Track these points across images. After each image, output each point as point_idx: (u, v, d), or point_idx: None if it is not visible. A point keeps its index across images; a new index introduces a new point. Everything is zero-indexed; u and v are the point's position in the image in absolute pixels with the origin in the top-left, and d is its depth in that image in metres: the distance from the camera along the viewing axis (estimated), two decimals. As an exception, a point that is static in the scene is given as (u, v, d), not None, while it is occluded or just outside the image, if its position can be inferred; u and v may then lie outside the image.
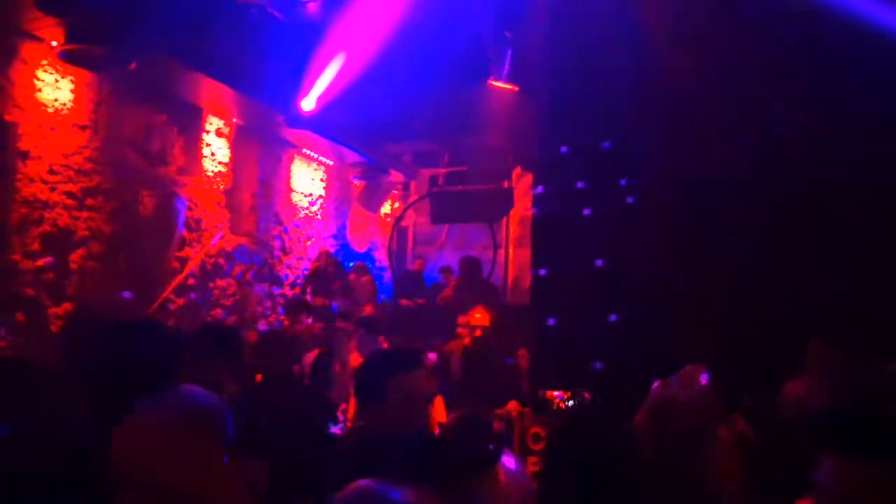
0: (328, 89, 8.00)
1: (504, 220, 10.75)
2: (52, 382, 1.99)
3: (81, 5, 6.05)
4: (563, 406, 4.71)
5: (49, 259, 6.68)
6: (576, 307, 5.37)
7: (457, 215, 10.54)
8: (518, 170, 9.97)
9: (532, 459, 4.88)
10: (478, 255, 10.39)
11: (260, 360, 6.07)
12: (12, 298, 6.47)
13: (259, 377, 5.86)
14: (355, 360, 5.63)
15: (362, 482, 1.31)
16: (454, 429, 2.77)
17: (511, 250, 10.82)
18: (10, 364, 2.07)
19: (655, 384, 3.61)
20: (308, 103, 8.12)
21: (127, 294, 6.20)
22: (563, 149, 5.16)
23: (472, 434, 2.91)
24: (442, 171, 10.75)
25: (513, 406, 4.94)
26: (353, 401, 5.44)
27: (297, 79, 7.99)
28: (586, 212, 5.22)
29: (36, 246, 6.71)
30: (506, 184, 10.29)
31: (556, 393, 4.90)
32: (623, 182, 5.19)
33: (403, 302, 9.63)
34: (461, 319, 6.03)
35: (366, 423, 2.40)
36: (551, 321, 5.23)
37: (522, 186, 9.88)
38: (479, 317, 5.82)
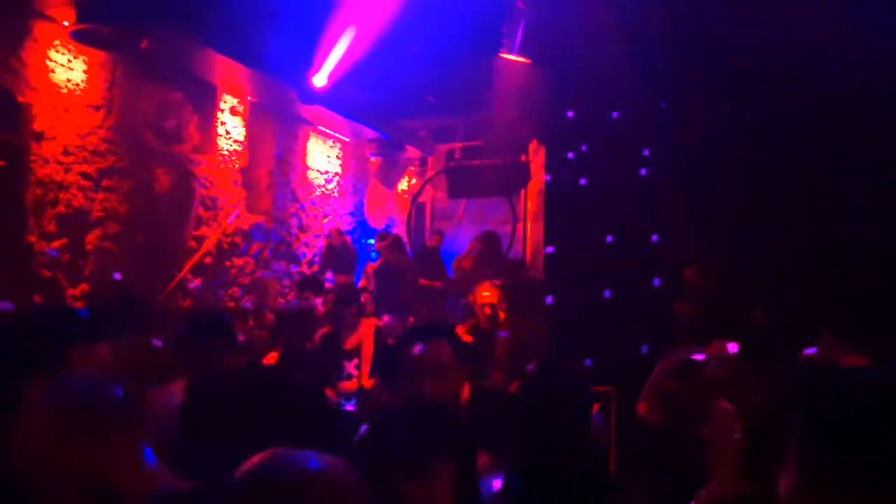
0: (340, 64, 7.92)
1: (522, 194, 10.64)
2: None
3: (89, -16, 6.01)
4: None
5: (63, 241, 6.71)
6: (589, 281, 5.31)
7: (474, 190, 10.46)
8: (535, 143, 9.85)
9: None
10: (495, 229, 10.33)
11: (275, 338, 6.11)
12: (30, 280, 6.53)
13: (276, 354, 5.88)
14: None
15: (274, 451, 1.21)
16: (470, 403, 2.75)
17: (529, 224, 10.73)
18: None
19: (661, 361, 3.57)
20: (320, 79, 8.04)
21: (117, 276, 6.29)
22: (570, 114, 5.09)
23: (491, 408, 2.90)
24: (458, 145, 10.65)
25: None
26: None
27: (309, 54, 7.92)
28: (583, 182, 5.14)
29: (52, 227, 6.76)
30: (523, 157, 10.17)
31: None
32: (645, 153, 5.10)
33: (422, 282, 9.56)
34: (470, 297, 5.98)
35: (386, 396, 2.41)
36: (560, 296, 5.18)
37: (540, 160, 9.76)
38: (487, 294, 5.73)
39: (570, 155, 5.50)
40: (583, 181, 5.20)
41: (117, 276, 6.87)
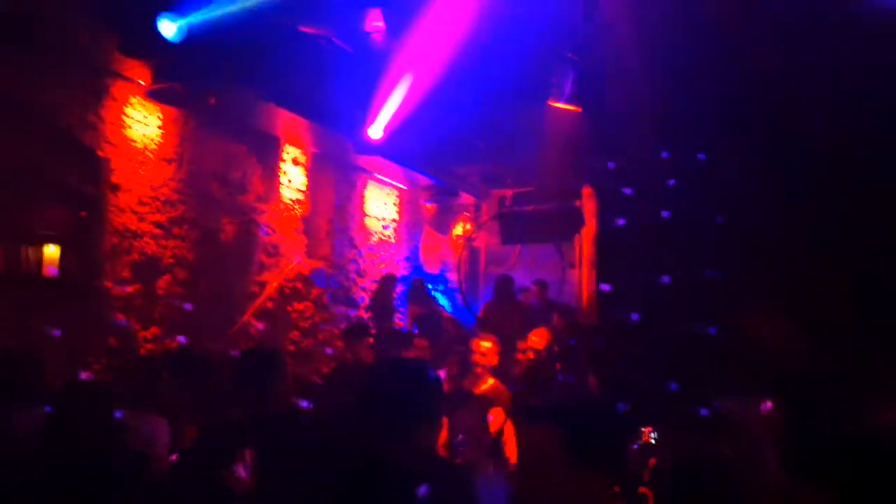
0: (394, 116, 8.23)
1: (577, 239, 10.69)
2: None
3: (162, 48, 6.46)
4: None
5: (136, 287, 7.06)
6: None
7: (527, 236, 10.56)
8: (588, 189, 9.92)
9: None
10: (550, 274, 10.39)
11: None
12: (105, 322, 6.90)
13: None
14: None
15: None
16: None
17: (585, 269, 10.73)
18: None
19: None
20: (375, 131, 8.36)
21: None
22: (611, 165, 5.20)
23: None
24: (510, 192, 10.82)
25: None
26: None
27: (364, 107, 8.26)
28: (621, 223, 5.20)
29: (126, 273, 7.15)
30: (577, 203, 10.25)
31: None
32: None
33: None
34: (520, 345, 6.05)
35: None
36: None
37: (593, 205, 9.81)
38: (536, 339, 5.81)
39: (618, 197, 5.59)
40: (621, 222, 5.27)
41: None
